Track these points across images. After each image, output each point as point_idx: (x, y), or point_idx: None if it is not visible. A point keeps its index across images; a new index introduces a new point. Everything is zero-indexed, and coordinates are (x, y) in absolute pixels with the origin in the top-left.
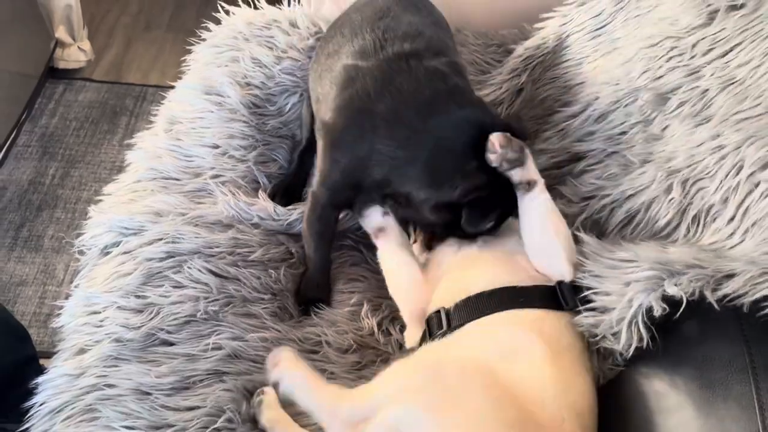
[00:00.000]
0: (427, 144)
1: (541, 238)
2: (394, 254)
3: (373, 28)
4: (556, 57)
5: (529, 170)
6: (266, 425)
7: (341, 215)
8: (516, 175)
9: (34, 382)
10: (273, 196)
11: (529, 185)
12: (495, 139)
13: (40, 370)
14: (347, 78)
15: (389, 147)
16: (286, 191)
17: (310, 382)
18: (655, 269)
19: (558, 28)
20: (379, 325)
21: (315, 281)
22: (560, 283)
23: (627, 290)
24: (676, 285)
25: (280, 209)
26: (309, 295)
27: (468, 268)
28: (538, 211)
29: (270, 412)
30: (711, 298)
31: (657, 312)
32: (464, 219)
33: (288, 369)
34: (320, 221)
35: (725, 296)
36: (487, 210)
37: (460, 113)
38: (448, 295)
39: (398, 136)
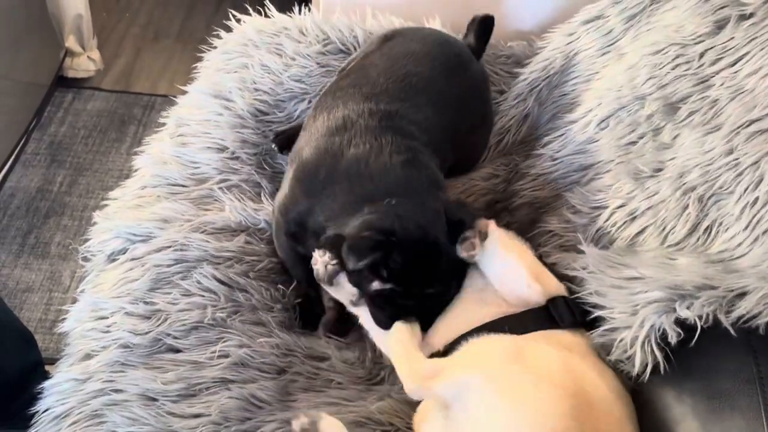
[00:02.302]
0: (362, 212)
1: (501, 264)
2: None
3: (388, 114)
4: (563, 76)
5: (481, 224)
6: None
7: None
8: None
9: (40, 387)
10: (273, 138)
11: (481, 234)
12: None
13: (45, 376)
14: (341, 126)
15: (333, 203)
16: (287, 139)
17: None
18: (665, 291)
19: (564, 46)
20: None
21: (304, 297)
22: (553, 300)
23: (637, 311)
24: (688, 308)
25: None
26: (305, 308)
27: (445, 316)
28: (492, 243)
29: None
30: (725, 322)
31: (672, 338)
32: (344, 249)
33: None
34: (283, 248)
35: (739, 317)
36: (365, 251)
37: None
38: (435, 342)
39: (342, 200)
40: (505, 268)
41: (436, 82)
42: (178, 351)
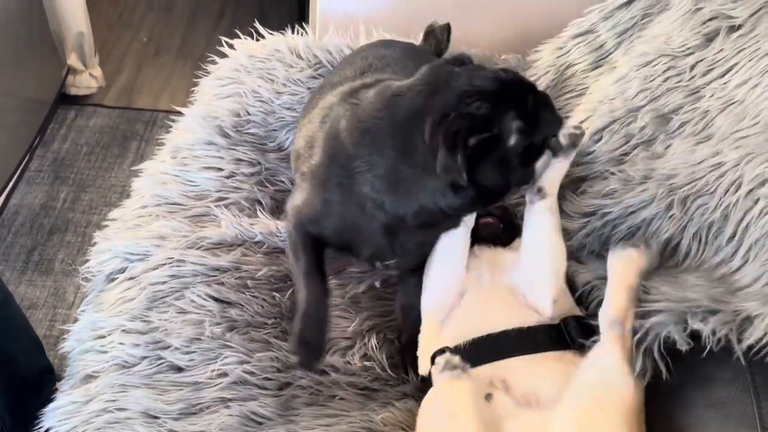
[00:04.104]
0: (389, 125)
1: (534, 263)
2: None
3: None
4: (555, 91)
5: (553, 172)
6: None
7: None
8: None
9: (41, 411)
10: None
11: (540, 192)
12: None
13: (55, 387)
14: (324, 115)
15: (365, 158)
16: None
17: None
18: (673, 303)
19: (555, 59)
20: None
21: (313, 320)
22: (565, 320)
23: (643, 321)
24: (701, 321)
25: (282, 226)
26: (307, 336)
27: (473, 307)
28: (540, 230)
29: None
30: (738, 350)
31: (682, 346)
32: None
33: None
34: (308, 252)
35: (750, 347)
36: (451, 142)
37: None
38: (454, 335)
39: (365, 141)
40: (535, 267)
41: (404, 62)
42: (178, 369)
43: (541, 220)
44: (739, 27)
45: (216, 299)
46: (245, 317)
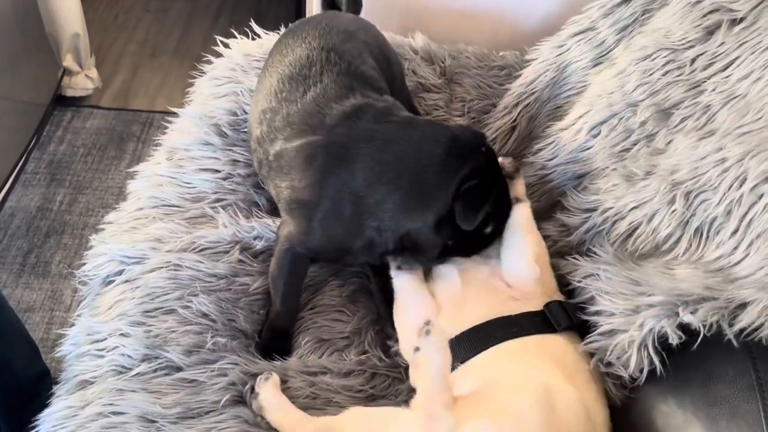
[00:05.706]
0: (405, 168)
1: (514, 238)
2: (411, 288)
3: (304, 100)
4: (555, 89)
5: (517, 187)
6: (263, 404)
7: None
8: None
9: (37, 417)
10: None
11: (516, 200)
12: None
13: (52, 391)
14: (306, 156)
15: (371, 189)
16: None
17: None
18: (667, 296)
19: (554, 58)
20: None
21: (279, 329)
22: (548, 305)
23: (638, 313)
24: (692, 314)
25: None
26: (272, 343)
27: (454, 306)
28: (517, 219)
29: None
30: (729, 332)
31: (673, 340)
32: (458, 215)
33: None
34: (292, 274)
35: (742, 330)
36: (479, 199)
37: (422, 132)
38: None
39: (375, 175)
40: (516, 241)
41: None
42: (177, 371)
43: (521, 213)
44: (741, 20)
45: (214, 305)
46: (243, 324)
